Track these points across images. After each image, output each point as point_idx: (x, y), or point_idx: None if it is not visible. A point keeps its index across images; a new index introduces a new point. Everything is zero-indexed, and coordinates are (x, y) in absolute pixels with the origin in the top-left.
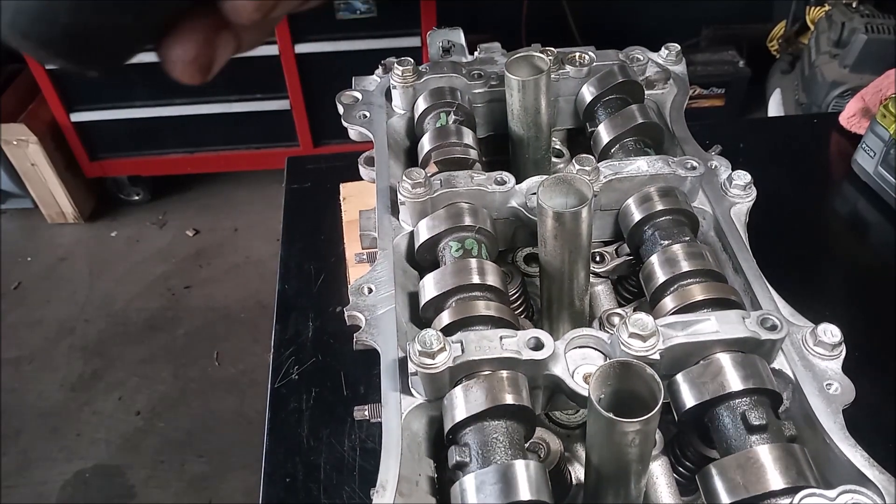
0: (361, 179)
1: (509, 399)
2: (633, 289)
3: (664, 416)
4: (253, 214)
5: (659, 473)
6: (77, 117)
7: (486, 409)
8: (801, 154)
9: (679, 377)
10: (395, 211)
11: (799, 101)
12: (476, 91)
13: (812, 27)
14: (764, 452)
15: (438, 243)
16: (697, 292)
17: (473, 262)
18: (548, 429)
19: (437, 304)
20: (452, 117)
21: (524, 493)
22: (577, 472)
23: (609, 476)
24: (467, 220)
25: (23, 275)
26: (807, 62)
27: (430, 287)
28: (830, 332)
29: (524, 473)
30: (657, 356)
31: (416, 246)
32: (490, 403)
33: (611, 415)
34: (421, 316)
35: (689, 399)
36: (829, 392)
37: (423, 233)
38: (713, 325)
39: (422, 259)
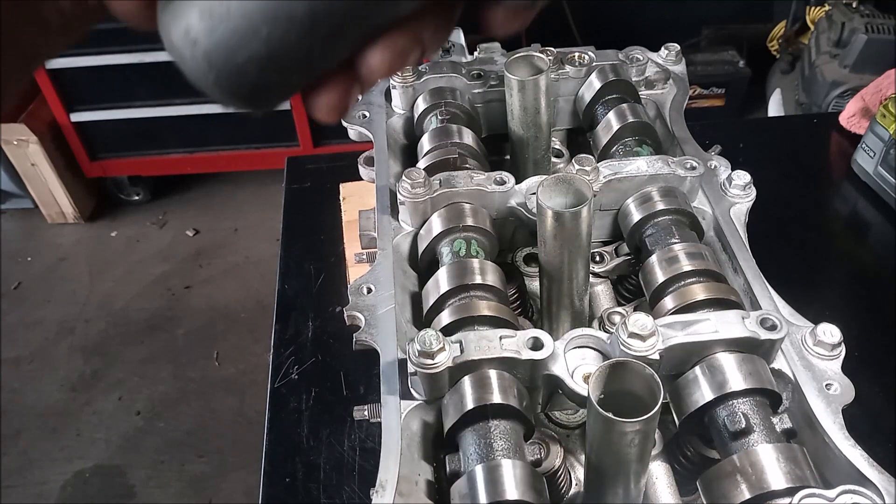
0: (361, 179)
1: (494, 399)
2: (633, 288)
3: (664, 416)
4: (253, 214)
5: (659, 473)
6: (77, 117)
7: (472, 408)
8: (801, 154)
9: (679, 381)
10: (394, 211)
11: (799, 101)
12: (476, 91)
13: (812, 27)
14: (763, 453)
15: (438, 243)
16: (697, 292)
17: (474, 262)
18: (547, 429)
19: (438, 305)
20: (438, 118)
21: (510, 492)
22: (577, 473)
23: (608, 476)
24: (467, 221)
25: (23, 275)
26: (807, 62)
27: (433, 291)
28: (830, 333)
29: (510, 473)
30: (657, 356)
31: (420, 251)
32: (476, 403)
33: (610, 415)
34: (424, 321)
35: (688, 404)
36: (828, 392)
37: (425, 235)
38: (712, 325)
39: (421, 260)
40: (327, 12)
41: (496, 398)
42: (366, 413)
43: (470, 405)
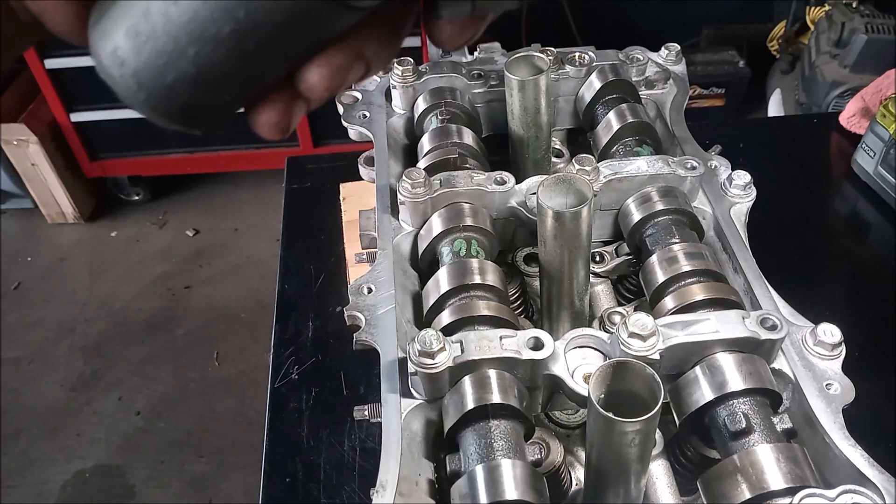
0: (361, 179)
1: (496, 398)
2: (633, 288)
3: (664, 416)
4: (253, 214)
5: (659, 473)
6: (77, 117)
7: (472, 408)
8: (801, 154)
9: (679, 381)
10: (394, 211)
11: (799, 101)
12: (476, 91)
13: (812, 27)
14: (763, 453)
15: (438, 244)
16: (697, 292)
17: (473, 262)
18: (548, 429)
19: (438, 304)
20: (440, 117)
21: (509, 492)
22: (577, 472)
23: (609, 476)
24: (467, 220)
25: (23, 275)
26: (807, 62)
27: (433, 291)
28: (830, 332)
29: (509, 473)
30: (657, 356)
31: (420, 251)
32: (476, 403)
33: (610, 415)
34: (424, 321)
35: (688, 405)
36: (828, 392)
37: (425, 236)
38: (713, 325)
39: (422, 260)
40: (254, 30)
41: (496, 398)
42: (366, 413)
43: (470, 405)
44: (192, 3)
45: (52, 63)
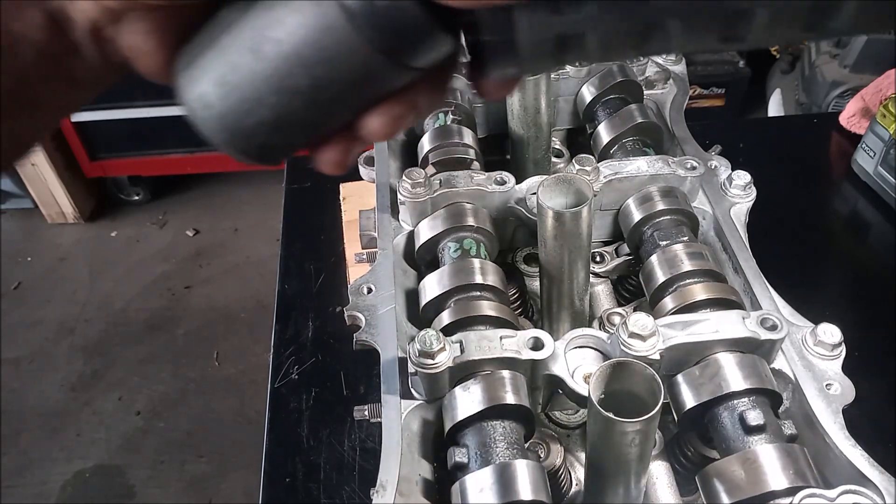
0: (361, 179)
1: (508, 399)
2: (633, 288)
3: (664, 416)
4: (253, 214)
5: (659, 473)
6: (77, 117)
7: (483, 409)
8: (801, 154)
9: (679, 378)
10: (394, 211)
11: (799, 101)
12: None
13: None
14: (764, 452)
15: (438, 243)
16: (697, 292)
17: (474, 262)
18: (548, 429)
19: (438, 304)
20: (451, 116)
21: (524, 493)
22: (577, 472)
23: (609, 476)
24: (468, 220)
25: (23, 275)
26: (807, 62)
27: (430, 287)
28: (830, 333)
29: (524, 473)
30: (657, 356)
31: (417, 247)
32: (487, 403)
33: (610, 415)
34: (422, 317)
35: (688, 400)
36: (828, 392)
37: (424, 233)
38: (713, 325)
39: (421, 259)
40: (328, 86)
41: (497, 398)
42: (366, 413)
43: (471, 405)
44: (275, 60)
45: None
